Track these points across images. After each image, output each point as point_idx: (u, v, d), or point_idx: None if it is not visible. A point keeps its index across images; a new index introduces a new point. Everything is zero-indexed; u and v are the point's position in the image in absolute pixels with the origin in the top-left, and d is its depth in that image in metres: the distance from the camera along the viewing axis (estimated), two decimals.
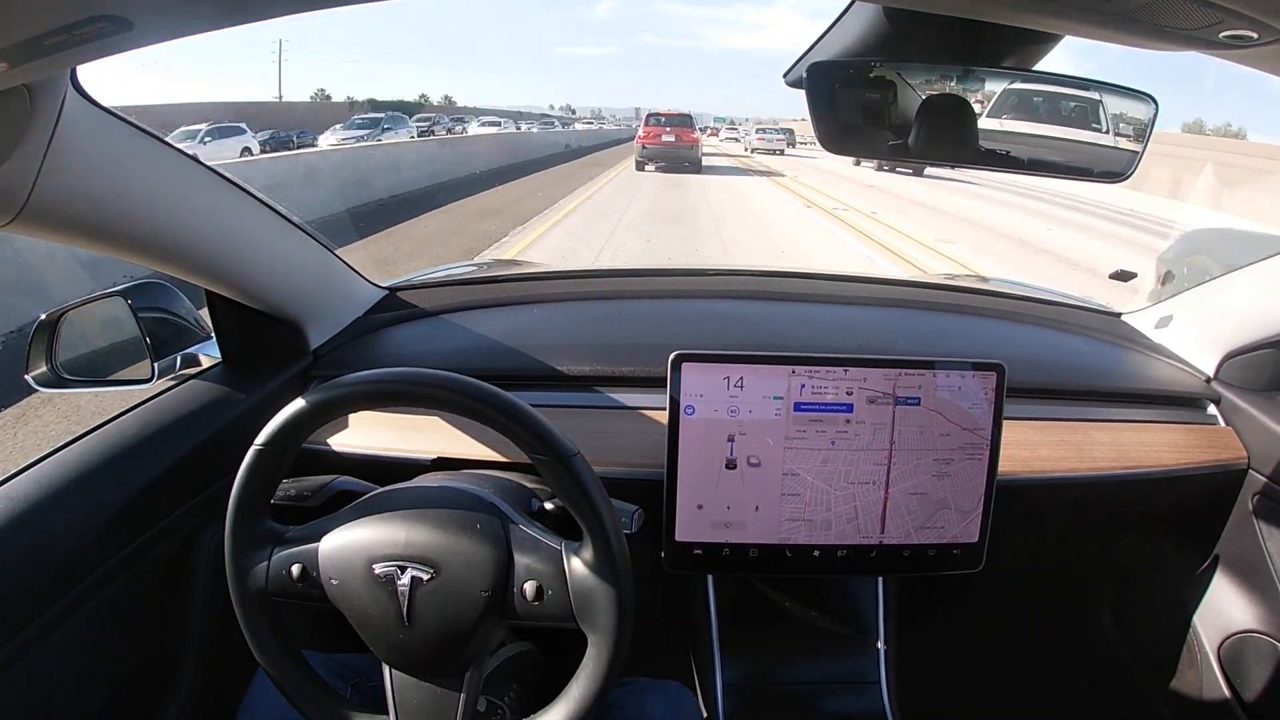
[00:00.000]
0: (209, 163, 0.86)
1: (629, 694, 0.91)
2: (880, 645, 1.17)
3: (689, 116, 18.20)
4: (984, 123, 0.73)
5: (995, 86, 0.72)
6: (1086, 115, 0.76)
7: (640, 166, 17.33)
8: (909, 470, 0.97)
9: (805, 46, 0.78)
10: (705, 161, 18.82)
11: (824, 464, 0.96)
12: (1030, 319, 1.36)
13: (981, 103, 0.72)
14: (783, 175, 18.75)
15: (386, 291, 1.29)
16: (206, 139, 13.86)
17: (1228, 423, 1.16)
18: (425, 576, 0.69)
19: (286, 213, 1.01)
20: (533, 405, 0.70)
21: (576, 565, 0.70)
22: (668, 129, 17.26)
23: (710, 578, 1.18)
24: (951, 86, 0.72)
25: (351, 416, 1.03)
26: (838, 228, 9.88)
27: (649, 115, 18.02)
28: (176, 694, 0.92)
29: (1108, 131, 0.75)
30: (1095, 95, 0.75)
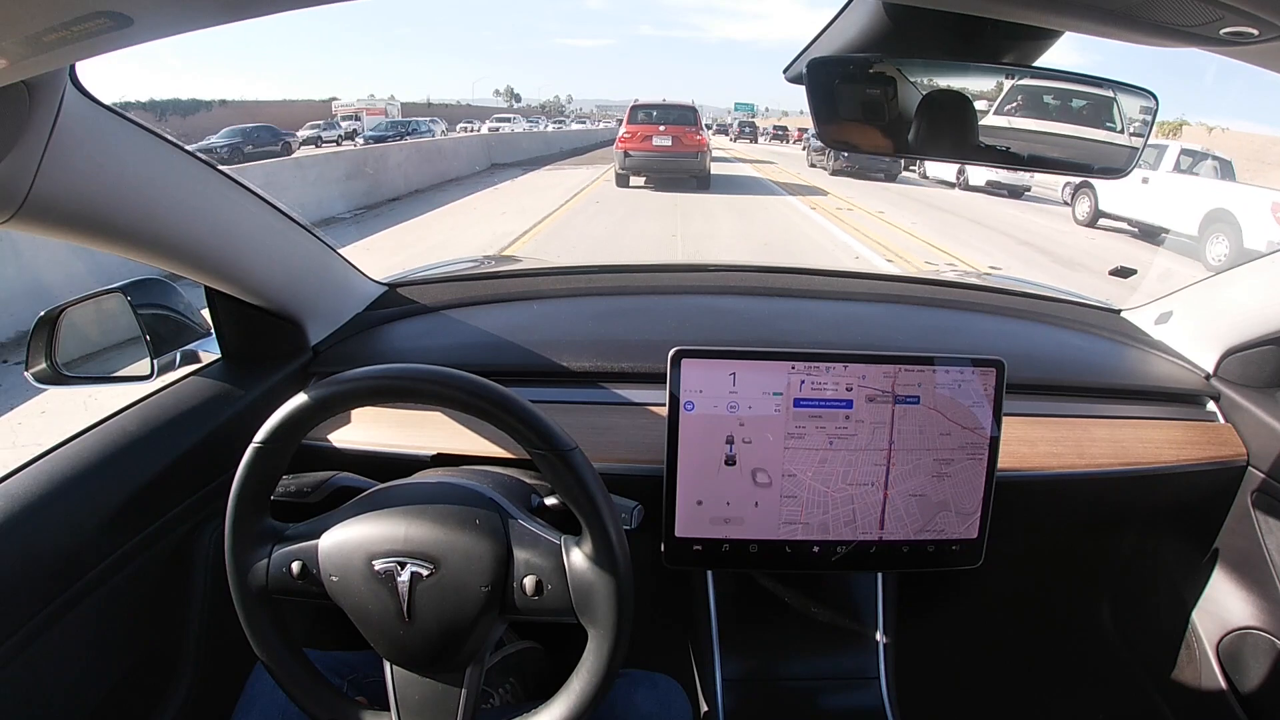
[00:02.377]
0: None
1: (619, 686, 0.91)
2: (880, 640, 1.17)
3: (692, 110, 12.51)
4: (991, 119, 0.73)
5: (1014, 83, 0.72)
6: (1099, 113, 0.76)
7: (622, 181, 12.18)
8: (908, 471, 0.97)
9: (805, 38, 0.78)
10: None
11: (822, 464, 0.96)
12: (1030, 315, 1.36)
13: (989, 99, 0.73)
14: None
15: (386, 288, 1.29)
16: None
17: (1227, 419, 1.16)
18: (425, 572, 0.69)
19: (286, 209, 1.01)
20: (532, 401, 0.70)
21: (576, 560, 0.71)
22: (661, 128, 11.68)
23: (710, 573, 1.18)
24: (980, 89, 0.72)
25: (352, 413, 1.03)
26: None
27: (633, 108, 12.25)
28: (176, 689, 0.92)
29: (1123, 130, 0.75)
30: (1108, 93, 0.75)
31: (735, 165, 20.16)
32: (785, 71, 0.80)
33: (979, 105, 0.73)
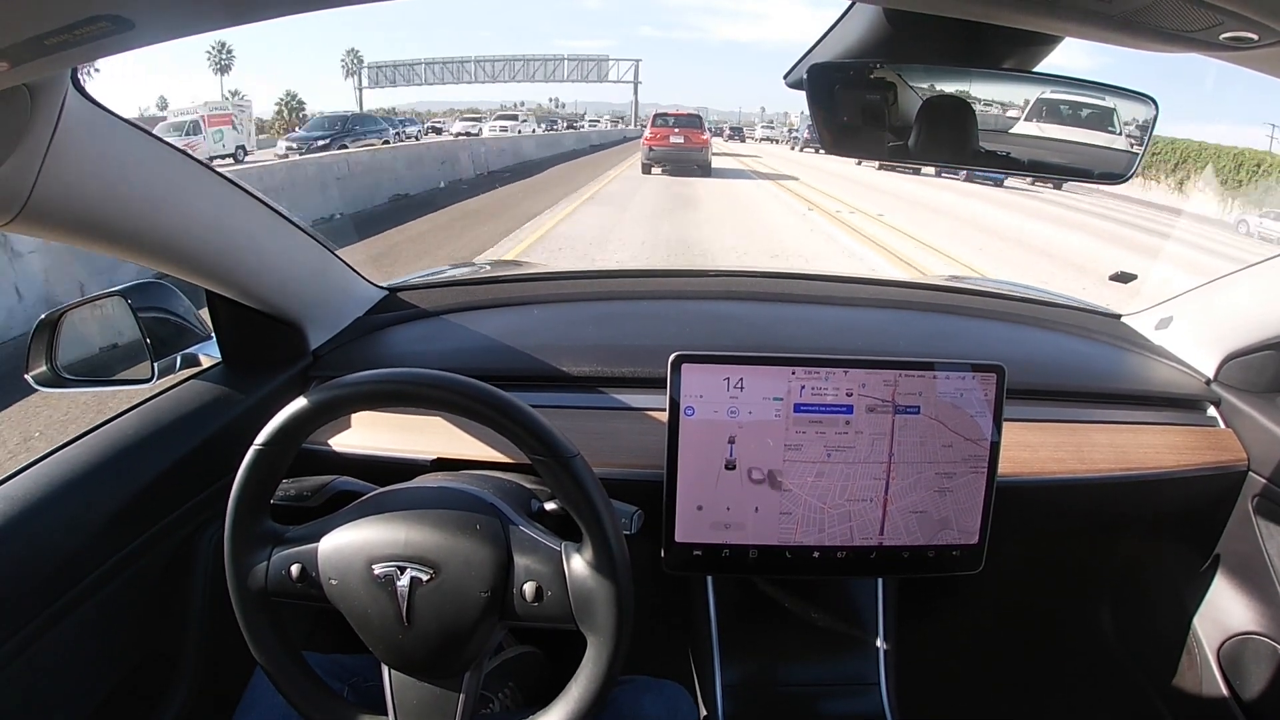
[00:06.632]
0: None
1: (626, 693, 0.91)
2: (880, 646, 1.17)
3: (698, 116, 17.68)
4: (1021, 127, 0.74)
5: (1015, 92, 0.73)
6: (1102, 120, 0.76)
7: (646, 170, 16.72)
8: (908, 485, 0.96)
9: (807, 41, 0.78)
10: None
11: (818, 477, 0.95)
12: (1030, 320, 1.36)
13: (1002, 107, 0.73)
14: None
15: (386, 292, 1.29)
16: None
17: (1228, 424, 1.16)
18: (425, 577, 0.69)
19: (287, 213, 1.01)
20: (532, 406, 0.70)
21: (576, 566, 0.70)
22: (675, 130, 16.55)
23: (710, 578, 1.18)
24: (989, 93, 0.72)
25: (352, 417, 1.03)
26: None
27: (655, 115, 17.55)
28: (175, 693, 0.92)
29: (1120, 134, 0.75)
30: (1109, 103, 0.75)
31: (723, 159, 22.33)
32: (786, 77, 0.80)
33: (1011, 114, 0.73)
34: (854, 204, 12.66)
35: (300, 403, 0.71)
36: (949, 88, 0.72)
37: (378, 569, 0.70)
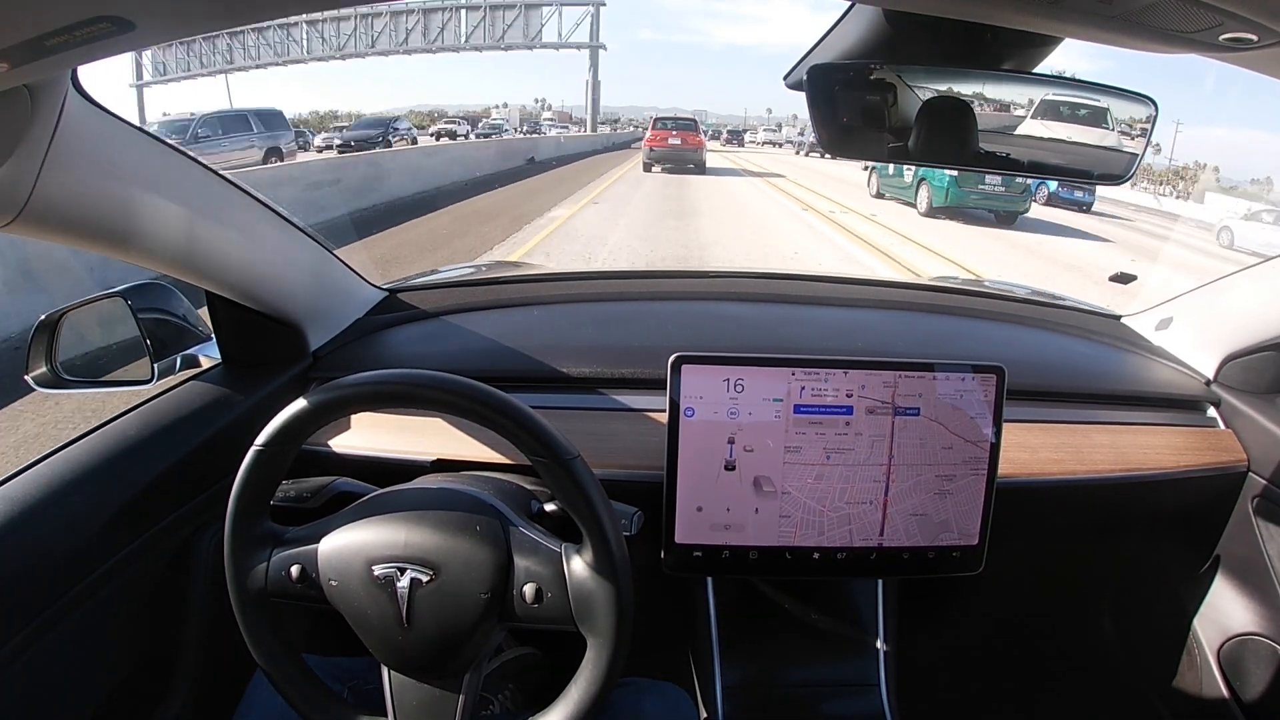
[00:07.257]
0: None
1: (626, 694, 0.91)
2: (880, 647, 1.17)
3: (694, 121, 19.35)
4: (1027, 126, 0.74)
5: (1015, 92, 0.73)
6: (1097, 119, 0.76)
7: (647, 168, 18.01)
8: (908, 488, 0.96)
9: (807, 43, 0.78)
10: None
11: (818, 480, 0.95)
12: (1030, 321, 1.36)
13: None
14: None
15: (386, 293, 1.29)
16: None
17: (1228, 425, 1.16)
18: (425, 578, 0.69)
19: (287, 214, 1.01)
20: (532, 407, 0.70)
21: (576, 568, 0.70)
22: (674, 132, 18.03)
23: (710, 580, 1.18)
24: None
25: (352, 418, 1.03)
26: None
27: (656, 119, 19.15)
28: (175, 694, 0.92)
29: (1114, 131, 0.76)
30: (1104, 103, 0.75)
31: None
32: (786, 78, 0.80)
33: (1013, 114, 0.73)
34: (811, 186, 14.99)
35: (300, 404, 0.71)
36: (949, 89, 0.72)
37: (378, 570, 0.70)
